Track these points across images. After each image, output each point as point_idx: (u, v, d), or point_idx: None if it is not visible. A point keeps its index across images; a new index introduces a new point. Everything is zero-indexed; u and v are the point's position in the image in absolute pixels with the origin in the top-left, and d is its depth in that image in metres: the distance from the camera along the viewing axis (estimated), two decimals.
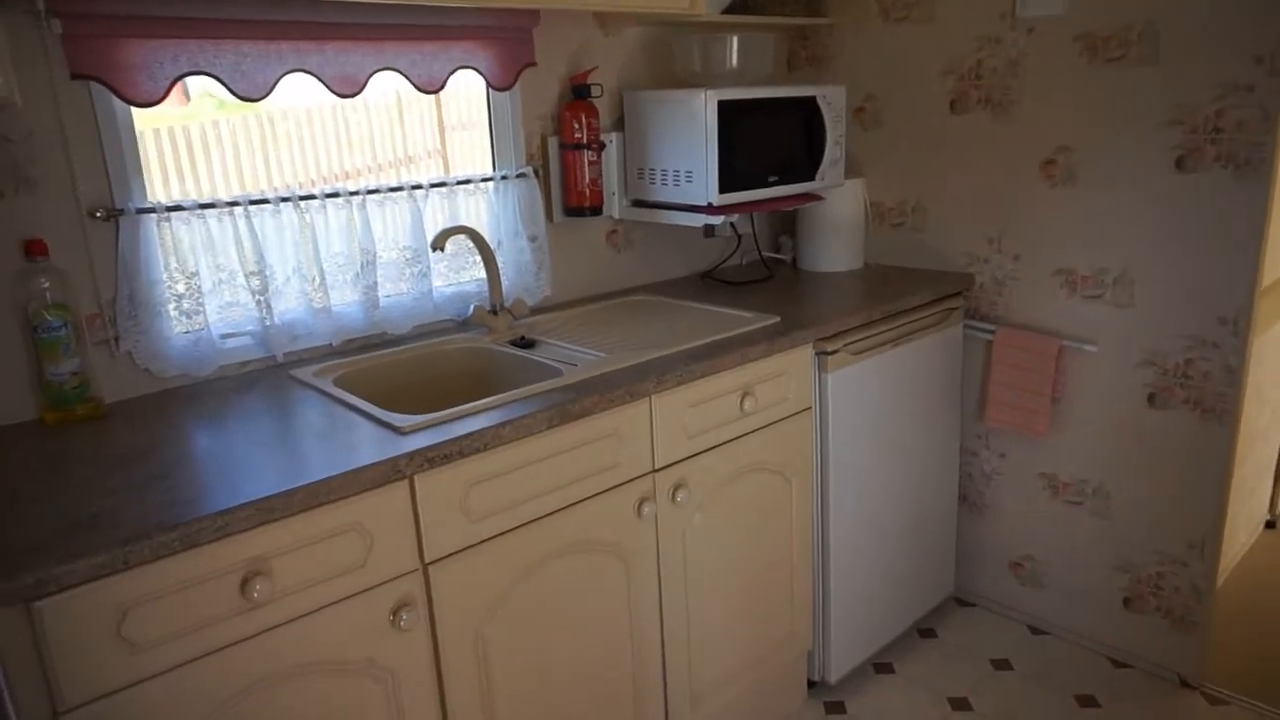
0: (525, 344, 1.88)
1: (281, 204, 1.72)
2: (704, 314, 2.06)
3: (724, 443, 1.81)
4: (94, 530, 1.09)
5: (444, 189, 1.95)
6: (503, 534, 1.46)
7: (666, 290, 2.33)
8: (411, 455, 1.30)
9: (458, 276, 2.04)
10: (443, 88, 1.90)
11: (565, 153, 2.11)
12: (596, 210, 2.15)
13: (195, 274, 1.64)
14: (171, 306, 1.61)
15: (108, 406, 1.56)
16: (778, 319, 1.96)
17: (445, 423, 1.42)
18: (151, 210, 1.56)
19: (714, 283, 2.41)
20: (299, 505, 1.19)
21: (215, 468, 1.27)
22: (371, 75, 1.78)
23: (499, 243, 2.06)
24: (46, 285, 1.45)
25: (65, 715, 1.06)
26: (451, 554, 1.40)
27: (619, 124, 2.23)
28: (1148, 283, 2.07)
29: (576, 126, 2.07)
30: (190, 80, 1.58)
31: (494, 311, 1.96)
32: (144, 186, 1.60)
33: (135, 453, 1.35)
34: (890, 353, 2.13)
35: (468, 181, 1.99)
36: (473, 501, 1.41)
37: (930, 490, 2.37)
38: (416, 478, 1.33)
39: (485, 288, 1.99)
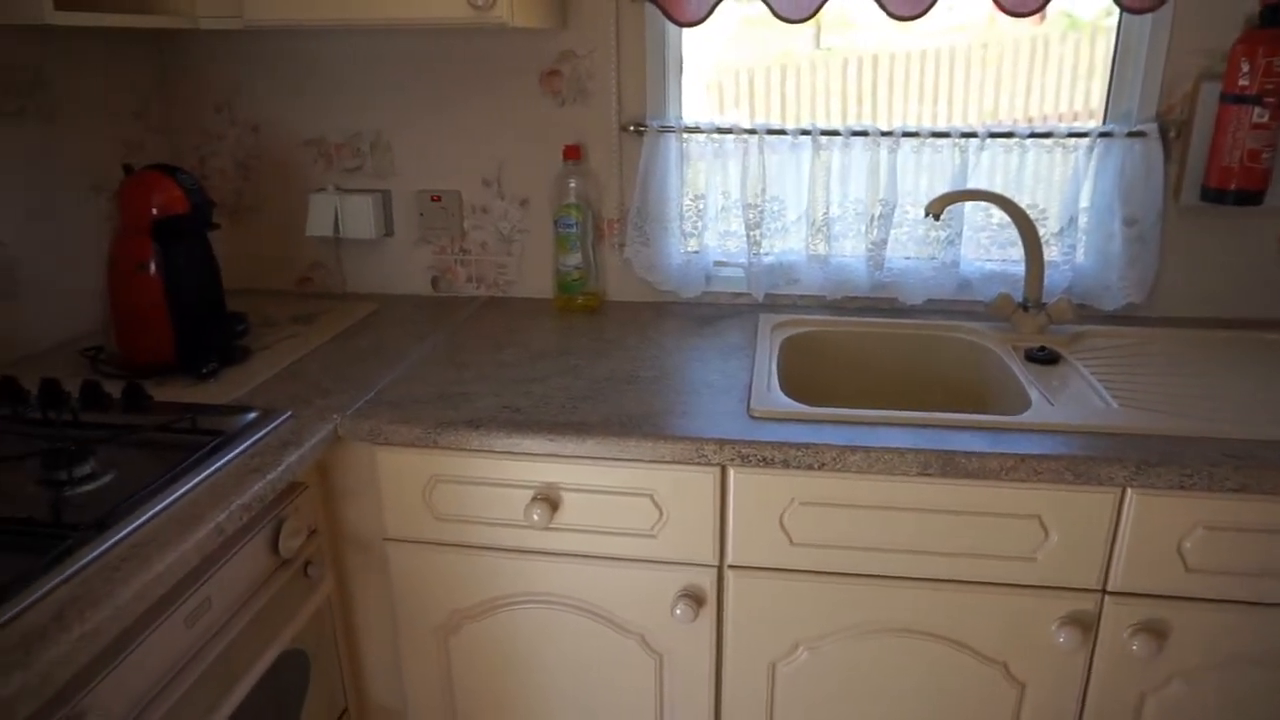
0: (1044, 357, 1.42)
1: (800, 137, 1.58)
2: None
3: (1263, 603, 1.12)
4: (441, 404, 1.24)
5: (1007, 141, 1.54)
6: (831, 574, 1.19)
7: None
8: (721, 444, 1.13)
9: (1005, 253, 1.62)
10: (1041, 9, 1.46)
11: (1221, 107, 1.44)
12: (1250, 197, 1.44)
13: (702, 197, 1.65)
14: (676, 225, 1.66)
15: (604, 304, 1.73)
16: None
17: (808, 422, 1.18)
18: (671, 129, 1.61)
19: None
20: (587, 452, 1.16)
21: (597, 389, 1.31)
22: None
23: (1071, 220, 1.55)
24: (572, 185, 1.64)
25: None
26: (757, 567, 1.20)
27: None
28: None
29: (1245, 68, 1.39)
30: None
31: (1025, 307, 1.52)
32: (679, 106, 1.65)
33: (559, 350, 1.47)
34: None
35: (1047, 135, 1.53)
36: (795, 521, 1.17)
37: None
38: (732, 470, 1.16)
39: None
